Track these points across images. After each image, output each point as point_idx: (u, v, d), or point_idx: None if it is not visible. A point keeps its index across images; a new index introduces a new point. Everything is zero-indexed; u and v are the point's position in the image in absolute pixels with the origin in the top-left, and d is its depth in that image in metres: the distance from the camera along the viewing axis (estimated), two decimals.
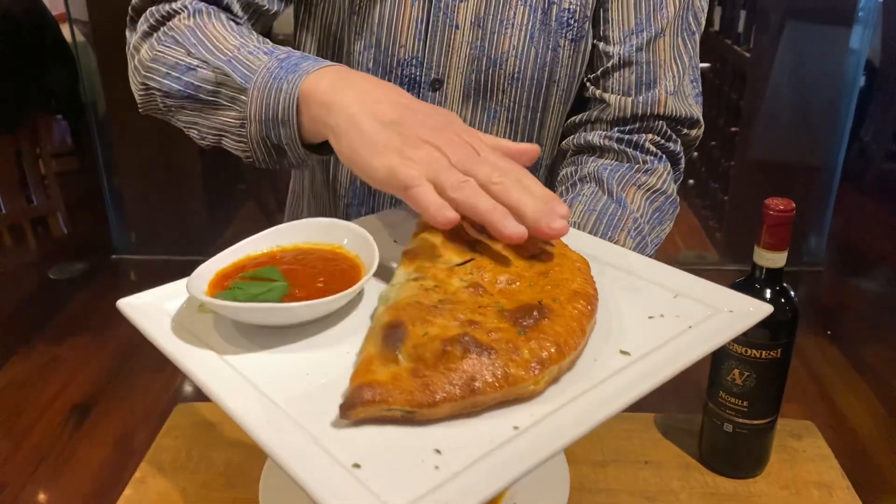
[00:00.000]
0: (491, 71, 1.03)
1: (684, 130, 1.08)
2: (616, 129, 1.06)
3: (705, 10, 1.07)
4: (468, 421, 0.55)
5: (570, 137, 1.09)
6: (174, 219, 4.05)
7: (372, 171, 0.69)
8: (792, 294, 0.96)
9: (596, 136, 1.06)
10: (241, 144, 0.86)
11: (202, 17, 0.91)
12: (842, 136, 3.78)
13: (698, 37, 1.07)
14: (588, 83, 1.07)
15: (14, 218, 4.07)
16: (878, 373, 3.04)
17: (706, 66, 4.14)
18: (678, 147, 1.08)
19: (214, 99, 0.87)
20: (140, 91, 0.94)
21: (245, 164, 0.91)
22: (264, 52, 0.85)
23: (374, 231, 0.77)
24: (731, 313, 0.66)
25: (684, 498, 1.01)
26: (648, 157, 1.05)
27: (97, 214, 4.11)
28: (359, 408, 0.54)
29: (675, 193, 1.07)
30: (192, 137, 0.93)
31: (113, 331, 3.27)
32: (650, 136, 1.05)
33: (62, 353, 3.12)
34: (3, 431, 2.67)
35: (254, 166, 0.89)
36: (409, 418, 0.55)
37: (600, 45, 1.04)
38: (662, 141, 1.06)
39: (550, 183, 1.15)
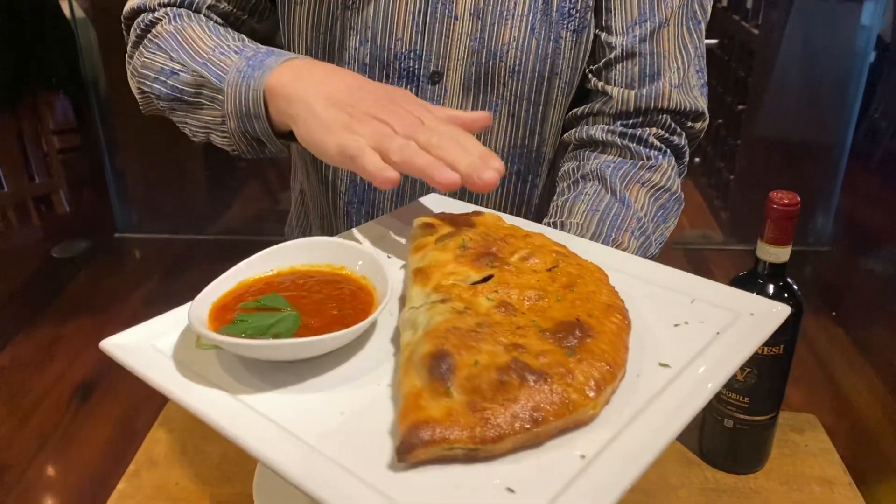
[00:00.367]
0: (491, 63, 1.00)
1: (689, 123, 1.05)
2: (619, 122, 1.03)
3: None
4: (531, 453, 0.53)
5: (572, 131, 1.07)
6: (176, 197, 4.04)
7: (325, 148, 0.74)
8: (796, 289, 0.94)
9: (598, 131, 1.03)
10: (225, 139, 0.90)
11: (182, 21, 0.96)
12: (851, 113, 3.73)
13: (704, 25, 1.04)
14: (590, 74, 1.04)
15: (17, 196, 4.06)
16: (882, 355, 3.02)
17: (713, 42, 4.08)
18: (683, 141, 1.05)
19: (197, 100, 0.91)
20: (138, 95, 1.00)
21: None
22: (235, 52, 0.89)
23: (367, 244, 0.75)
24: (753, 317, 0.67)
25: (684, 494, 1.00)
26: (652, 153, 1.02)
27: (99, 192, 4.10)
28: (418, 449, 0.50)
29: (679, 190, 1.05)
30: (187, 134, 0.97)
31: (116, 310, 3.28)
32: (654, 129, 1.02)
33: (66, 333, 3.13)
34: (7, 411, 2.68)
35: (241, 158, 0.93)
36: (471, 456, 0.52)
37: (602, 35, 1.01)
38: (666, 135, 1.03)
39: (552, 177, 1.12)
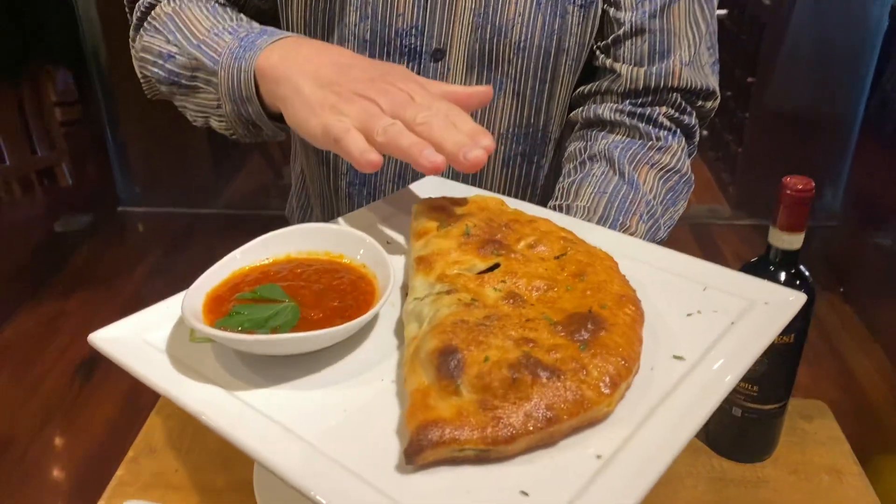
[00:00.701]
0: (496, 40, 0.96)
1: (699, 102, 1.01)
2: (627, 101, 1.00)
3: None
4: (544, 453, 0.51)
5: (579, 109, 1.03)
6: (179, 171, 4.01)
7: (310, 130, 0.71)
8: (808, 276, 0.91)
9: (606, 110, 1.00)
10: (223, 123, 0.88)
11: (180, 2, 0.93)
12: (863, 85, 3.66)
13: (716, 0, 1.00)
14: (598, 51, 1.01)
15: (19, 169, 4.03)
16: (890, 332, 2.99)
17: (723, 12, 4.00)
18: (693, 120, 1.02)
19: (194, 84, 0.89)
20: (141, 79, 0.98)
21: None
22: (229, 33, 0.86)
23: (364, 231, 0.73)
24: (767, 305, 0.65)
25: (690, 483, 0.98)
26: (662, 133, 0.99)
27: (102, 166, 4.07)
28: (427, 451, 0.48)
29: (689, 171, 1.02)
30: (189, 119, 0.95)
31: (119, 284, 3.27)
32: (663, 109, 0.99)
33: (69, 307, 3.12)
34: (11, 385, 2.69)
35: (239, 142, 0.91)
36: (482, 457, 0.50)
37: (611, 10, 0.97)
38: (676, 114, 1.00)
39: (558, 157, 1.09)
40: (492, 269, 0.65)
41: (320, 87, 0.72)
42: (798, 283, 0.91)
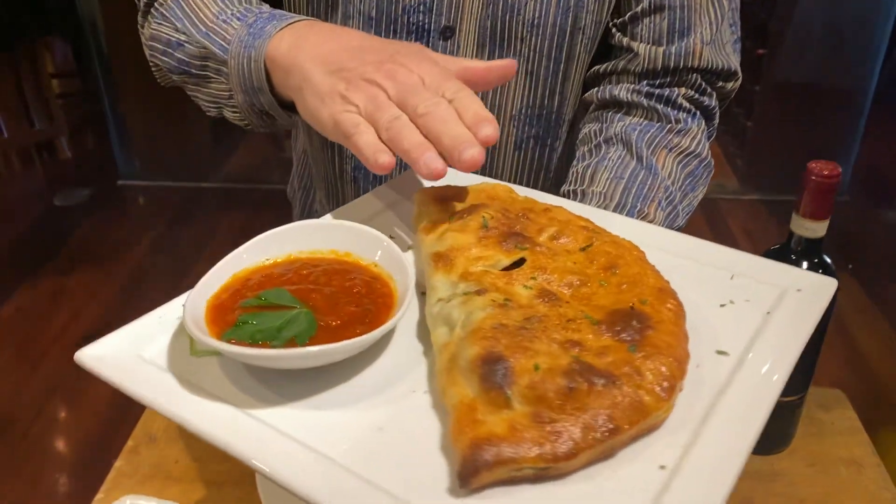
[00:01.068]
0: (508, 17, 0.91)
1: (720, 83, 0.97)
2: (645, 82, 0.95)
3: None
4: (605, 467, 0.48)
5: (594, 90, 0.99)
6: (179, 144, 3.96)
7: (321, 122, 0.68)
8: (832, 266, 0.88)
9: (623, 91, 0.95)
10: (236, 114, 0.84)
11: None
12: (875, 57, 3.59)
13: None
14: (614, 29, 0.96)
15: (17, 142, 3.99)
16: None
17: None
18: (713, 101, 0.98)
19: (204, 73, 0.85)
20: (152, 68, 0.94)
21: None
22: (237, 18, 0.81)
23: (366, 221, 0.68)
24: (800, 293, 0.63)
25: None
26: (681, 115, 0.94)
27: (101, 138, 4.02)
28: (483, 472, 0.44)
29: (709, 155, 0.97)
30: (202, 109, 0.91)
31: (120, 260, 3.24)
32: (682, 90, 0.94)
33: (70, 283, 3.10)
34: (13, 364, 2.67)
35: (254, 132, 0.87)
36: (541, 475, 0.46)
37: None
38: (696, 95, 0.95)
39: (572, 140, 1.05)
40: (517, 264, 0.61)
41: (329, 74, 0.68)
42: (821, 271, 0.87)
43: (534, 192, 0.78)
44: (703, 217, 3.57)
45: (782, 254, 0.88)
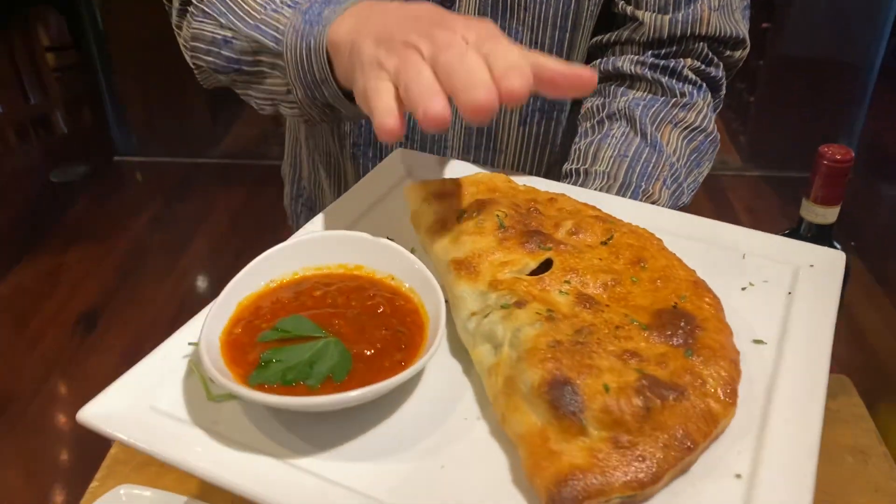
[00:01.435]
0: None
1: (727, 52, 0.94)
2: (649, 52, 0.92)
3: None
4: (684, 482, 0.46)
5: (597, 62, 0.96)
6: (176, 118, 3.92)
7: (358, 96, 0.62)
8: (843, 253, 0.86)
9: (626, 62, 0.92)
10: (295, 109, 0.78)
11: None
12: (882, 30, 3.55)
13: None
14: None
15: (12, 117, 3.95)
16: None
17: None
18: (720, 72, 0.95)
19: (258, 69, 0.79)
20: (195, 70, 0.88)
21: None
22: (289, 6, 0.75)
23: (353, 225, 0.66)
24: (813, 268, 0.65)
25: None
26: (686, 88, 0.92)
27: (97, 113, 3.98)
28: None
29: (715, 130, 0.95)
30: (254, 107, 0.85)
31: (118, 237, 3.22)
32: (688, 60, 0.91)
33: (67, 261, 3.08)
34: (11, 341, 2.66)
35: (315, 126, 0.80)
36: (627, 503, 0.45)
37: None
38: (702, 66, 0.93)
39: (575, 113, 1.02)
40: (543, 265, 0.59)
41: (377, 45, 0.62)
42: None
43: (532, 180, 0.76)
44: (704, 194, 3.54)
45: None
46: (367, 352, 0.51)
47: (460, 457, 0.48)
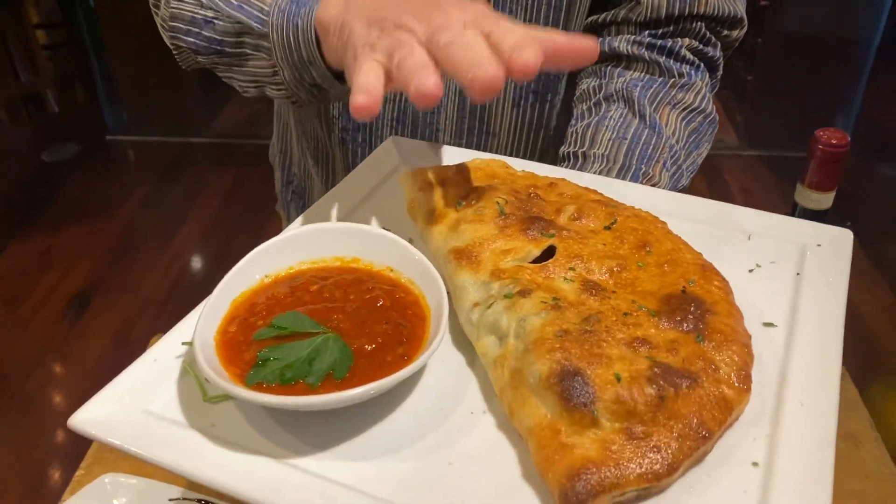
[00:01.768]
0: None
1: (725, 32, 0.93)
2: (647, 32, 0.91)
3: None
4: (700, 472, 0.45)
5: None
6: (168, 97, 3.88)
7: (349, 79, 0.60)
8: None
9: (623, 42, 0.91)
10: (281, 91, 0.77)
11: None
12: (881, 9, 3.52)
13: None
14: None
15: (2, 96, 3.90)
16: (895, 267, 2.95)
17: None
18: (717, 52, 0.93)
19: (240, 50, 0.77)
20: (173, 50, 0.86)
21: None
22: None
23: (348, 216, 0.64)
24: (820, 248, 0.64)
25: None
26: (684, 68, 0.90)
27: (89, 92, 3.94)
28: (588, 503, 0.41)
29: (713, 110, 0.93)
30: (237, 90, 0.83)
31: (110, 217, 3.20)
32: (686, 40, 0.90)
33: (59, 241, 3.06)
34: (3, 322, 2.65)
35: (303, 108, 0.79)
36: (643, 495, 0.44)
37: None
38: (700, 46, 0.91)
39: (570, 94, 1.00)
40: (546, 252, 0.58)
41: (369, 27, 0.61)
42: None
43: (531, 165, 0.75)
44: (701, 173, 3.51)
45: None
46: (368, 347, 0.50)
47: (467, 452, 0.47)
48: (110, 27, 3.69)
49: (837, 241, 0.64)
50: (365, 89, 0.54)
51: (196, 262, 3.01)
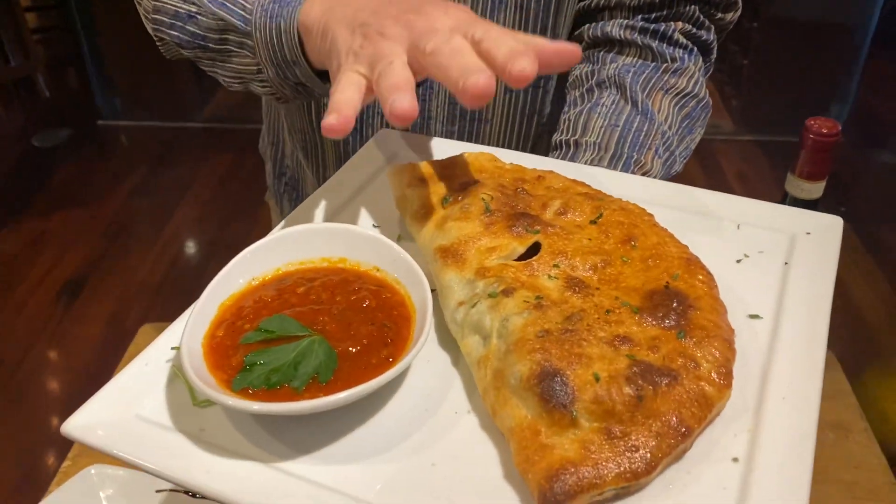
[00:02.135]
0: None
1: (718, 14, 0.92)
2: (639, 16, 0.90)
3: None
4: (679, 469, 0.45)
5: (585, 27, 0.93)
6: (161, 83, 3.85)
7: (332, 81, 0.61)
8: None
9: (615, 27, 0.90)
10: (266, 88, 0.77)
11: None
12: None
13: None
14: None
15: None
16: (891, 254, 2.95)
17: None
18: (711, 35, 0.92)
19: (224, 47, 0.77)
20: (157, 42, 0.85)
21: None
22: None
23: (336, 215, 0.63)
24: (810, 236, 0.63)
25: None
26: (677, 52, 0.89)
27: (80, 76, 3.91)
28: (566, 503, 0.41)
29: (706, 95, 0.92)
30: (222, 84, 0.83)
31: (102, 202, 3.18)
32: (679, 24, 0.89)
33: (51, 227, 3.04)
34: None
35: (289, 104, 0.78)
36: (622, 494, 0.44)
37: None
38: (693, 29, 0.90)
39: (563, 81, 0.99)
40: (532, 249, 0.58)
41: (352, 33, 0.61)
42: None
43: (521, 157, 0.74)
44: (695, 159, 3.51)
45: None
46: (353, 349, 0.50)
47: (450, 453, 0.47)
48: (102, 10, 3.65)
49: (827, 229, 0.63)
50: (337, 109, 0.54)
51: (190, 248, 3.00)
